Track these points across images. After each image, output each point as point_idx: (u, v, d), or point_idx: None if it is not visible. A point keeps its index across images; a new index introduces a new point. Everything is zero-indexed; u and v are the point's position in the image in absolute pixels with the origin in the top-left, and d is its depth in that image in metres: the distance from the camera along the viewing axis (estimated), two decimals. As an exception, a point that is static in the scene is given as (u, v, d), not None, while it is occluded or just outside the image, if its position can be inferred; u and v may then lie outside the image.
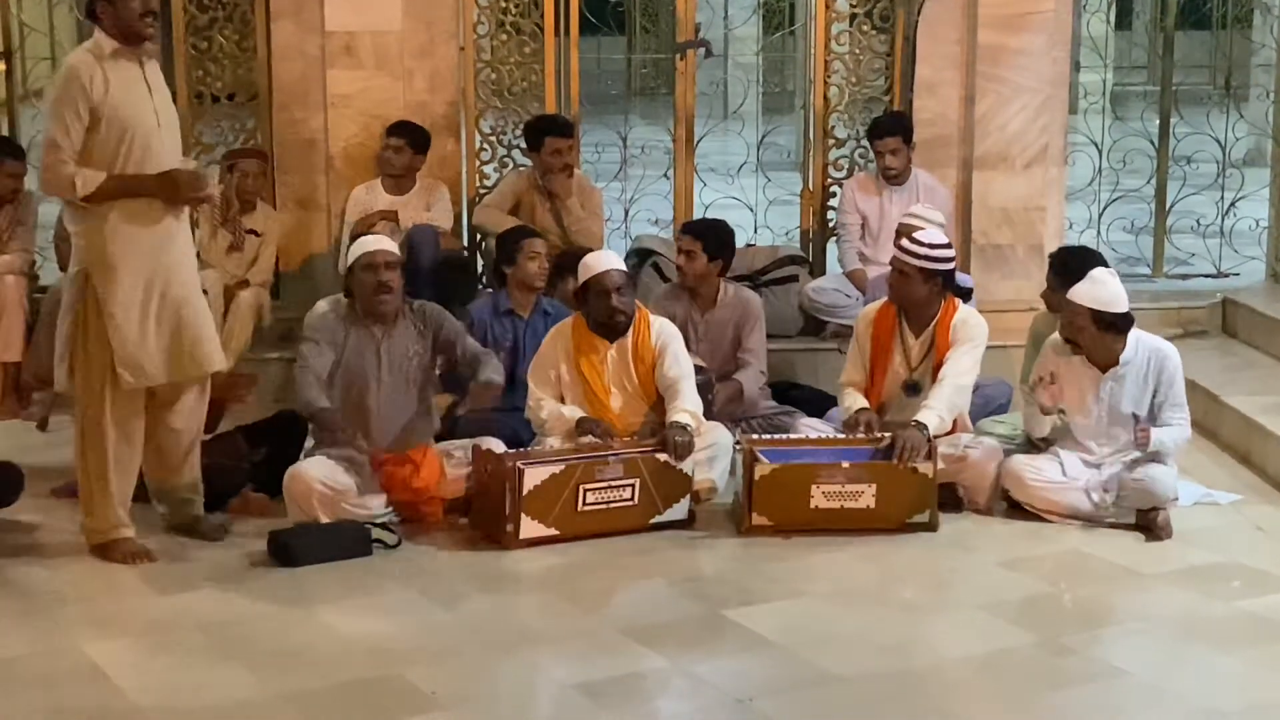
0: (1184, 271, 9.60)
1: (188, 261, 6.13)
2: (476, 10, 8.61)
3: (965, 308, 6.82)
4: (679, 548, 6.28)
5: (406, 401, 6.51)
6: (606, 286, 6.63)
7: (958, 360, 6.64)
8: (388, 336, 6.47)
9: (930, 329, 6.73)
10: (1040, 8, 8.43)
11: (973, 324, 6.74)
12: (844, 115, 8.88)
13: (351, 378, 6.42)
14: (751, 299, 7.48)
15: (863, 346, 6.85)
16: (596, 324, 6.68)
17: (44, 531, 6.39)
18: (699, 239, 7.36)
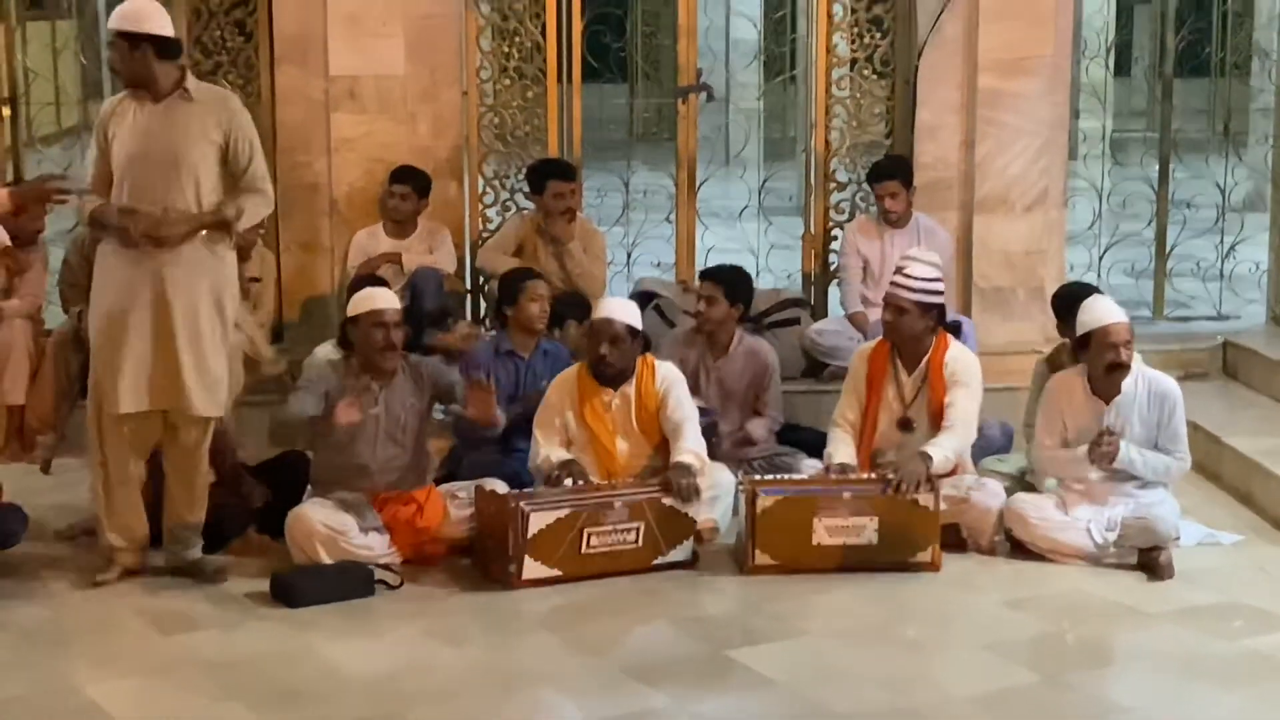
0: (1184, 314, 9.62)
1: (192, 292, 6.11)
2: (479, 55, 8.67)
3: (956, 344, 6.83)
4: (682, 588, 6.28)
5: (401, 454, 6.52)
6: (602, 334, 6.64)
7: (963, 406, 6.65)
8: (386, 389, 6.48)
9: (923, 365, 6.75)
10: (1039, 52, 8.47)
11: (966, 362, 6.76)
12: (845, 159, 8.92)
13: (347, 431, 6.42)
14: (765, 350, 7.48)
15: (857, 384, 6.86)
16: (591, 367, 6.69)
17: (47, 573, 6.38)
18: (720, 284, 7.35)
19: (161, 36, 6.07)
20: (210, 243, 6.14)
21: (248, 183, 6.16)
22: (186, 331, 6.10)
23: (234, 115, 6.17)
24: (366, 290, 6.66)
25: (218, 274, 6.20)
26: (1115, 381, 6.50)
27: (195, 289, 6.12)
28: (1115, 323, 6.49)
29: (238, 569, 6.40)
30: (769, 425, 7.36)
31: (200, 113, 6.12)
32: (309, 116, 8.41)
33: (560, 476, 6.46)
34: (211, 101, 6.17)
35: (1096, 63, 10.17)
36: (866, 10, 8.75)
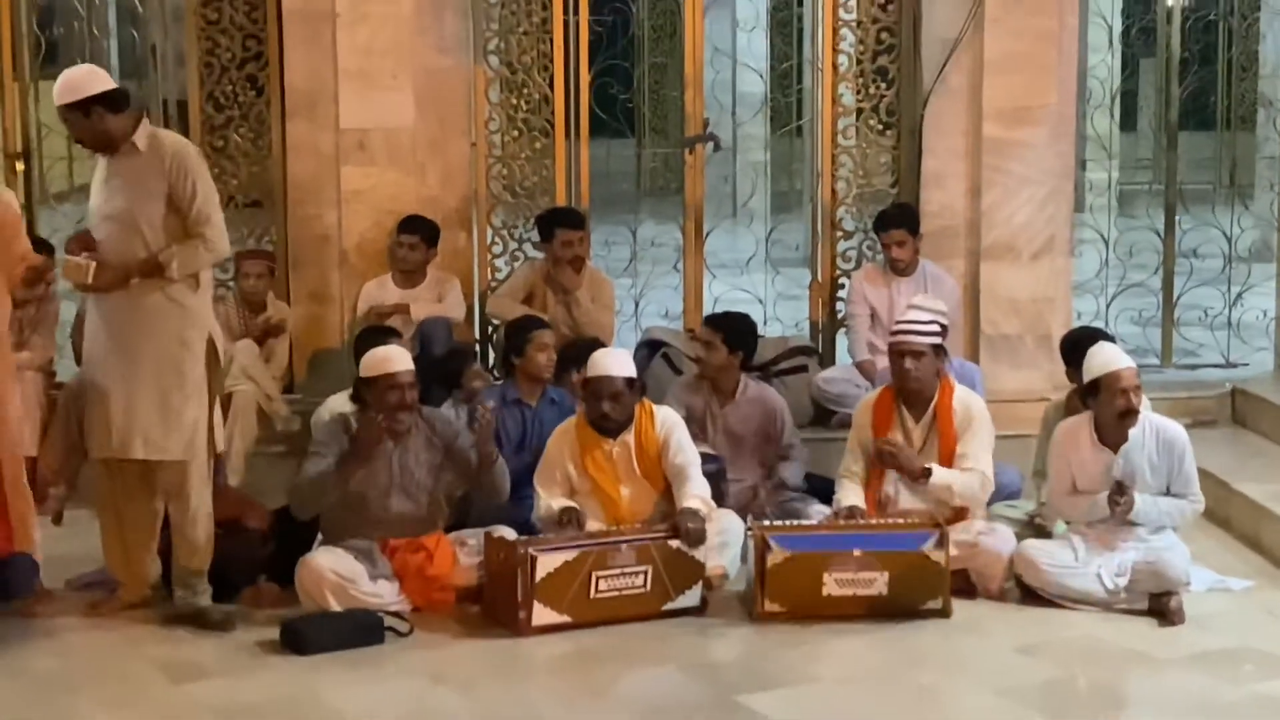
0: (1192, 362, 9.63)
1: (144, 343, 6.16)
2: (488, 107, 8.74)
3: (961, 388, 6.85)
4: (691, 633, 6.27)
5: (416, 508, 6.54)
6: (602, 392, 6.65)
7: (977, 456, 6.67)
8: (400, 448, 6.50)
9: (930, 411, 6.76)
10: (1043, 102, 8.52)
11: (976, 407, 6.78)
12: (851, 208, 8.96)
13: (362, 490, 6.45)
14: (772, 397, 7.52)
15: (862, 436, 6.86)
16: (593, 422, 6.71)
17: (57, 622, 6.39)
18: (718, 330, 7.40)
19: (108, 93, 6.13)
20: (160, 289, 6.15)
21: (191, 228, 6.17)
22: (146, 378, 6.15)
23: (174, 160, 6.15)
24: (381, 351, 6.61)
25: (179, 320, 6.20)
26: (1124, 428, 6.51)
27: (153, 336, 6.17)
28: (1123, 368, 6.51)
29: (247, 617, 6.40)
30: (799, 468, 7.40)
31: (145, 164, 6.16)
32: (319, 169, 8.47)
33: (562, 524, 6.47)
34: (155, 151, 6.18)
35: (1101, 112, 10.22)
36: (871, 61, 8.81)
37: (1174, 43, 9.81)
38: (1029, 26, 8.45)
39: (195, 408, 6.23)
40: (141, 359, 6.17)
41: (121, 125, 6.15)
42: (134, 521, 6.39)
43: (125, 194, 6.15)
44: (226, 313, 8.34)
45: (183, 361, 6.21)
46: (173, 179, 6.13)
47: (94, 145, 6.19)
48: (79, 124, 6.12)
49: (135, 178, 6.15)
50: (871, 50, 8.79)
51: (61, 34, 9.56)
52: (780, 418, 7.44)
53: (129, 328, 6.17)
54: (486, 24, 8.72)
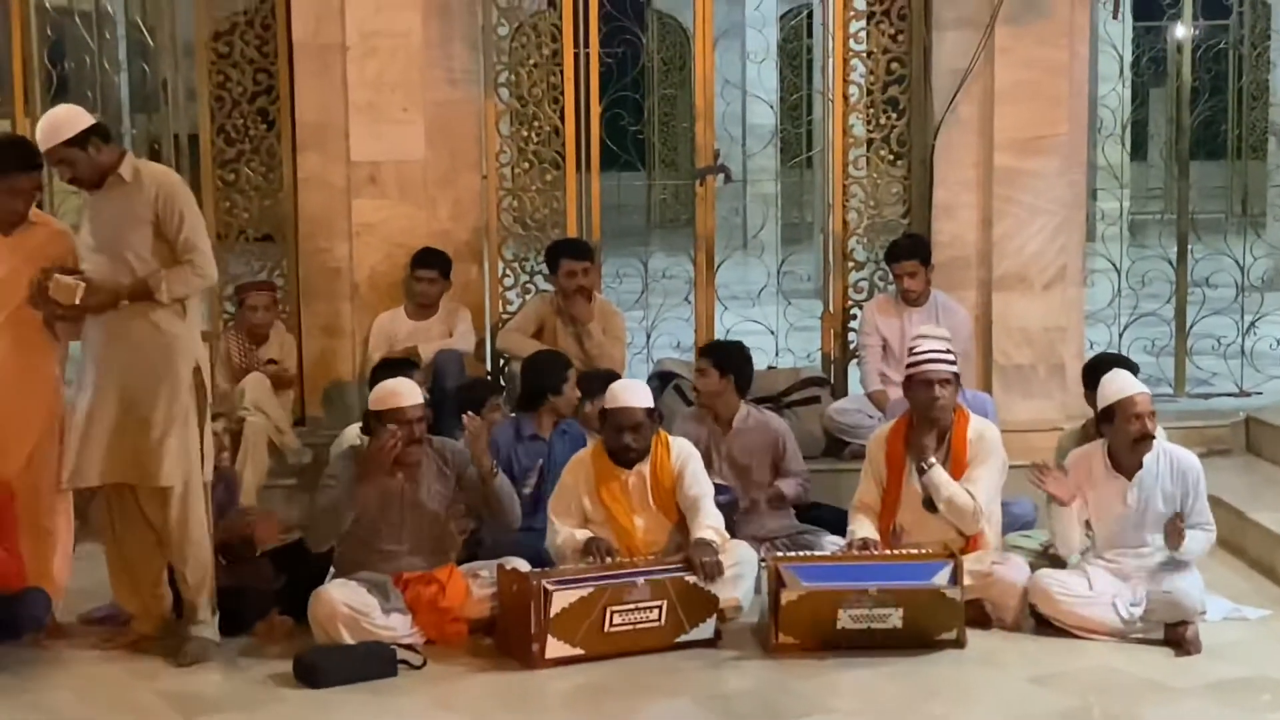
0: (1206, 391, 9.61)
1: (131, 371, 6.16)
2: (499, 140, 8.76)
3: (976, 418, 6.83)
4: (705, 666, 6.25)
5: (428, 539, 6.53)
6: (623, 424, 6.65)
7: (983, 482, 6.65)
8: (410, 480, 6.49)
9: (946, 443, 6.73)
10: (1054, 132, 8.53)
11: (991, 438, 6.75)
12: (863, 239, 8.97)
13: (374, 523, 6.44)
14: (773, 420, 7.54)
15: (876, 468, 6.84)
16: (610, 452, 6.71)
17: (70, 656, 6.38)
18: (709, 357, 7.46)
19: (99, 124, 6.21)
20: (146, 316, 6.16)
21: (179, 255, 6.18)
22: (130, 405, 6.15)
23: (160, 190, 6.18)
24: (390, 384, 6.58)
25: (165, 348, 6.21)
26: (1139, 454, 6.49)
27: (139, 363, 6.17)
28: (1137, 394, 6.49)
29: (260, 650, 6.39)
30: (799, 484, 7.40)
31: (131, 194, 6.18)
32: (330, 202, 8.49)
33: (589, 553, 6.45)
34: (140, 181, 6.20)
35: (1112, 141, 10.21)
36: (882, 92, 8.83)
37: (1185, 72, 9.82)
38: (1039, 57, 8.47)
39: (179, 436, 6.21)
40: (126, 386, 6.17)
41: (111, 157, 6.19)
42: (137, 552, 6.38)
43: (112, 225, 6.17)
44: (227, 344, 8.35)
45: (167, 389, 6.20)
46: (159, 208, 6.15)
47: (90, 179, 6.18)
48: (77, 159, 6.13)
49: (122, 209, 6.17)
50: (882, 81, 8.81)
51: (72, 68, 9.61)
52: (783, 442, 7.44)
53: (115, 354, 6.18)
54: (497, 57, 8.75)
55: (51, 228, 6.55)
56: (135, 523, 6.33)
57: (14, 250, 6.38)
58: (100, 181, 6.18)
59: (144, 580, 6.41)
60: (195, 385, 6.26)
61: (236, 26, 8.65)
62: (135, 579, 6.41)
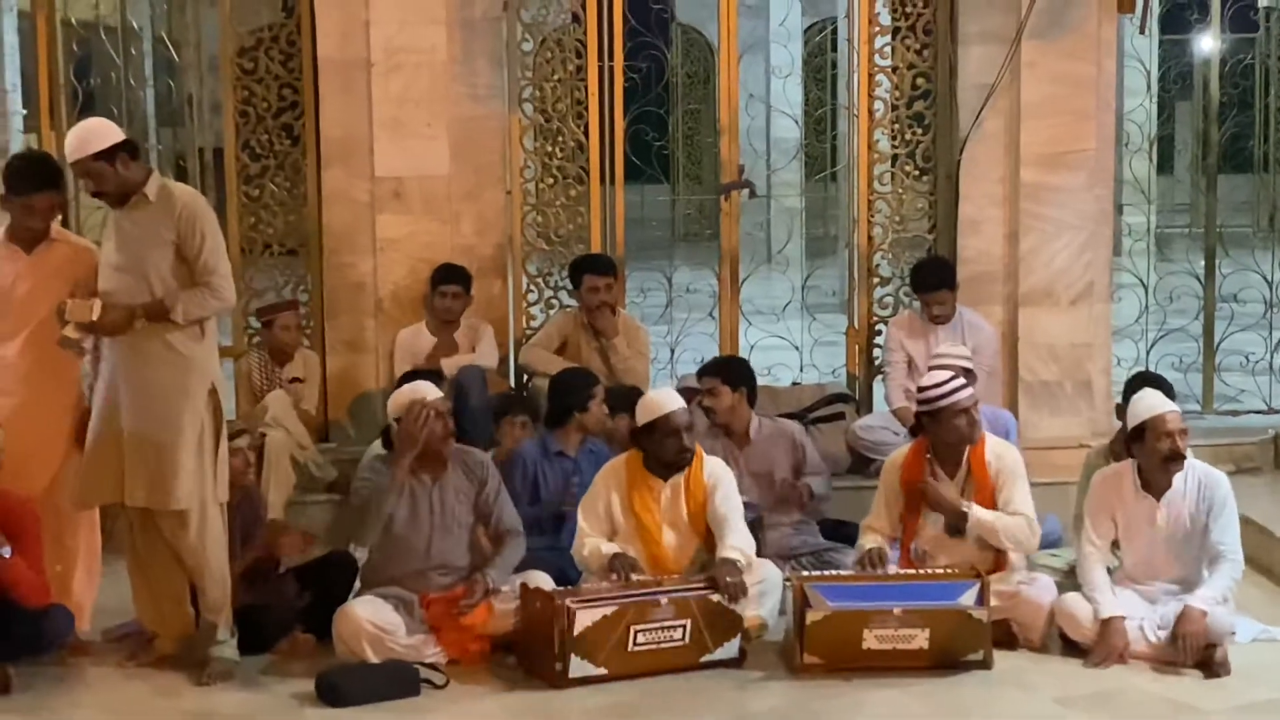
0: (1234, 408, 9.55)
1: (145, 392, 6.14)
2: (523, 155, 8.76)
3: (993, 438, 6.77)
4: (729, 686, 6.21)
5: (456, 544, 6.51)
6: (676, 426, 6.62)
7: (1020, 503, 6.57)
8: (438, 484, 6.48)
9: (964, 465, 6.67)
10: (1082, 146, 8.49)
11: (1011, 456, 6.69)
12: (888, 254, 8.94)
13: (403, 528, 6.42)
14: (788, 426, 7.54)
15: (891, 494, 6.77)
16: (659, 463, 6.67)
17: (94, 673, 6.38)
18: (716, 375, 7.43)
19: (125, 141, 6.19)
20: (162, 336, 6.14)
21: (198, 277, 6.18)
22: (146, 426, 6.13)
23: (183, 210, 6.16)
24: (406, 388, 6.62)
25: (181, 369, 6.18)
26: (1169, 474, 6.43)
27: (155, 384, 6.15)
28: (1168, 412, 6.44)
29: (283, 669, 6.37)
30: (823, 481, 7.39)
31: (155, 214, 6.16)
32: (354, 217, 8.49)
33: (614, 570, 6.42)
34: (165, 201, 6.18)
35: (1139, 156, 10.18)
36: (907, 107, 8.80)
37: (1212, 86, 9.77)
38: (1066, 72, 8.43)
39: (194, 457, 6.18)
40: (142, 406, 6.15)
41: (138, 175, 6.19)
42: (159, 570, 6.36)
43: (135, 244, 6.16)
44: (249, 364, 8.35)
45: (183, 410, 6.17)
46: (182, 229, 6.14)
47: (116, 195, 6.17)
48: (104, 173, 6.12)
49: (145, 228, 6.16)
50: (907, 96, 8.78)
51: (98, 84, 9.63)
52: (800, 443, 7.43)
53: (131, 374, 6.16)
54: (521, 72, 8.74)
55: (74, 245, 6.55)
56: (157, 542, 6.32)
57: (36, 267, 6.38)
58: (125, 198, 6.18)
59: (166, 598, 6.40)
60: (212, 407, 6.25)
61: (262, 42, 8.66)
62: (158, 597, 6.41)
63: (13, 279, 6.40)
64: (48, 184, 6.38)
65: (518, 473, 7.15)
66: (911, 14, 8.72)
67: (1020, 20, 8.40)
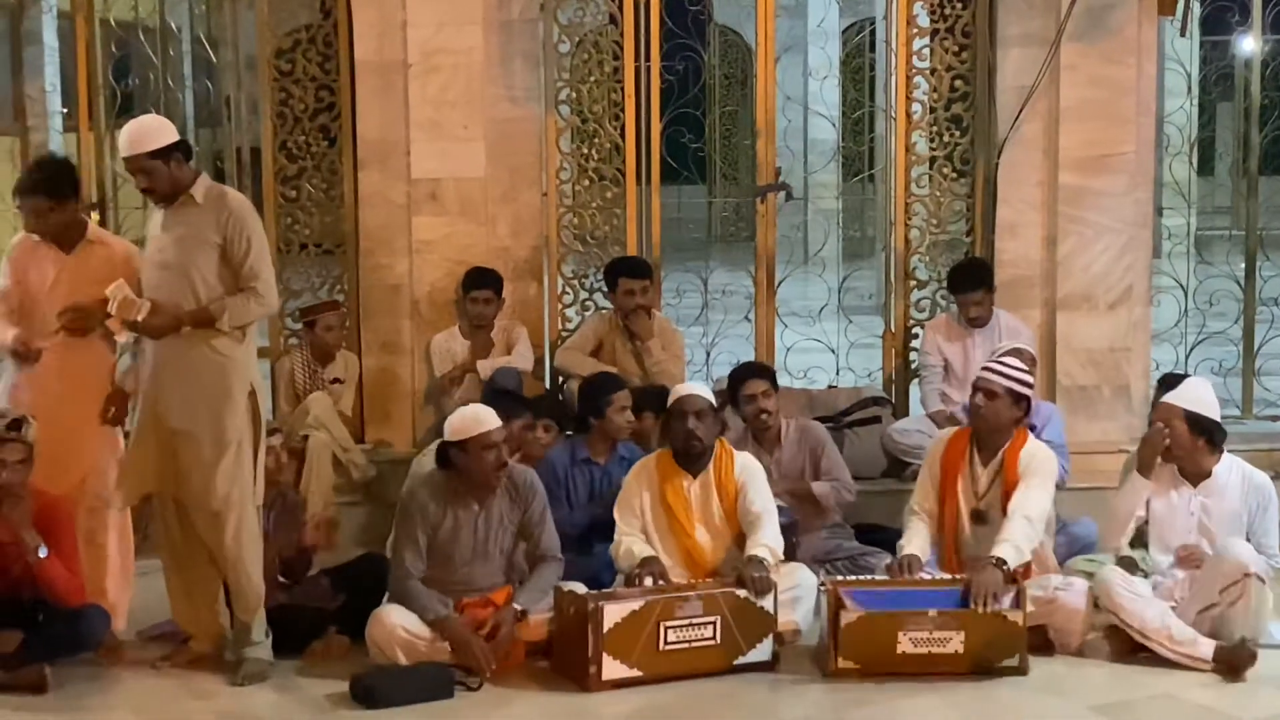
0: (1274, 413, 9.46)
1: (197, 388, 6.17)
2: (559, 157, 8.75)
3: (1034, 440, 6.76)
4: (763, 690, 6.19)
5: (492, 571, 6.49)
6: (686, 409, 6.63)
7: (1027, 494, 6.54)
8: (484, 509, 6.45)
9: (999, 458, 6.66)
10: (1121, 149, 8.43)
11: (1042, 457, 6.67)
12: (925, 257, 8.90)
13: (446, 550, 6.40)
14: (812, 426, 7.54)
15: (933, 472, 6.80)
16: (678, 452, 6.66)
17: (128, 673, 6.41)
18: (762, 378, 7.45)
19: (180, 141, 6.23)
20: (205, 339, 6.16)
21: (242, 282, 6.21)
22: (184, 428, 6.16)
23: (231, 215, 6.19)
24: (468, 411, 6.50)
25: (220, 372, 6.20)
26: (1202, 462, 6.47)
27: (196, 386, 6.17)
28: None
29: (317, 670, 6.38)
30: (836, 488, 7.34)
31: (202, 216, 6.19)
32: (391, 219, 8.50)
33: (641, 575, 6.41)
34: (213, 204, 6.21)
35: (1179, 159, 10.09)
36: (945, 109, 8.76)
37: (1254, 88, 9.69)
38: (1105, 74, 8.38)
39: (234, 459, 6.21)
40: (186, 409, 6.17)
41: (188, 176, 6.22)
42: (195, 571, 6.38)
43: (181, 245, 6.18)
44: (291, 364, 8.37)
45: (225, 413, 6.20)
46: (229, 233, 6.16)
47: (166, 194, 6.19)
48: (158, 172, 6.14)
49: (192, 229, 6.18)
50: (945, 98, 8.74)
51: (137, 84, 9.66)
52: (824, 443, 7.42)
53: (173, 376, 6.18)
54: (558, 73, 8.74)
55: (113, 246, 6.58)
56: (194, 541, 6.34)
57: (74, 269, 6.41)
58: (173, 198, 6.20)
59: (202, 599, 6.41)
60: (251, 409, 6.26)
61: (299, 43, 8.68)
62: (193, 597, 6.42)
63: (52, 279, 6.44)
64: (49, 191, 6.44)
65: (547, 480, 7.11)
66: (950, 16, 8.68)
67: (1060, 23, 8.35)
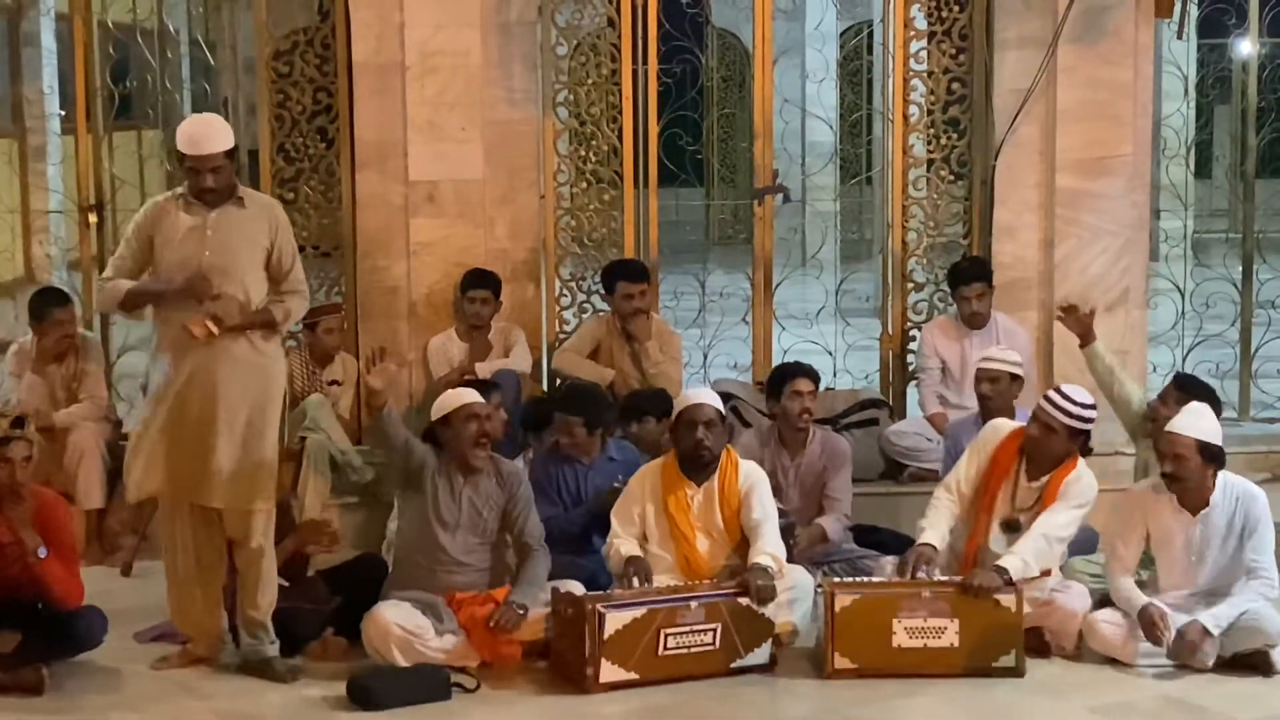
0: (1271, 415, 9.47)
1: (241, 392, 6.18)
2: (557, 159, 8.75)
3: (1083, 465, 6.66)
4: (761, 692, 6.21)
5: (480, 549, 6.51)
6: (695, 419, 6.62)
7: (1056, 514, 6.51)
8: (470, 485, 6.48)
9: (1046, 478, 6.60)
10: (1119, 152, 8.45)
11: (1085, 484, 6.59)
12: (922, 260, 8.91)
13: (430, 523, 6.44)
14: (841, 443, 7.49)
15: (981, 461, 6.67)
16: (684, 460, 6.67)
17: (126, 675, 6.40)
18: (807, 376, 7.40)
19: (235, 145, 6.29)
20: (250, 341, 6.21)
21: (290, 286, 6.29)
22: (226, 427, 6.16)
23: (279, 221, 6.32)
24: (450, 392, 6.67)
25: (264, 372, 6.27)
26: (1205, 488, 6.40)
27: (243, 386, 6.19)
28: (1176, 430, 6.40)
29: (314, 671, 6.38)
30: (839, 521, 7.30)
31: (251, 218, 6.23)
32: (388, 221, 8.50)
33: (627, 575, 6.42)
34: (260, 207, 6.30)
35: (1176, 162, 10.10)
36: (943, 111, 8.77)
37: (1251, 91, 9.70)
38: (1102, 77, 8.39)
39: (272, 458, 6.30)
40: (230, 408, 6.17)
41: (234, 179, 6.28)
42: (207, 572, 6.38)
43: (229, 247, 6.19)
44: (291, 365, 8.35)
45: (266, 411, 6.27)
46: (279, 236, 6.27)
47: (222, 194, 6.19)
48: (225, 171, 6.18)
49: (239, 229, 6.21)
50: (943, 100, 8.75)
51: (135, 86, 9.67)
52: (844, 461, 7.39)
53: (220, 377, 6.16)
54: (555, 76, 8.74)
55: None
56: (206, 544, 6.33)
57: None
58: (225, 199, 6.19)
59: (207, 601, 6.40)
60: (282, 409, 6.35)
61: (297, 45, 8.67)
62: (197, 600, 6.39)
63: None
64: None
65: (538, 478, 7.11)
66: (947, 18, 8.68)
67: (1057, 25, 8.36)
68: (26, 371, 8.14)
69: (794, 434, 7.34)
